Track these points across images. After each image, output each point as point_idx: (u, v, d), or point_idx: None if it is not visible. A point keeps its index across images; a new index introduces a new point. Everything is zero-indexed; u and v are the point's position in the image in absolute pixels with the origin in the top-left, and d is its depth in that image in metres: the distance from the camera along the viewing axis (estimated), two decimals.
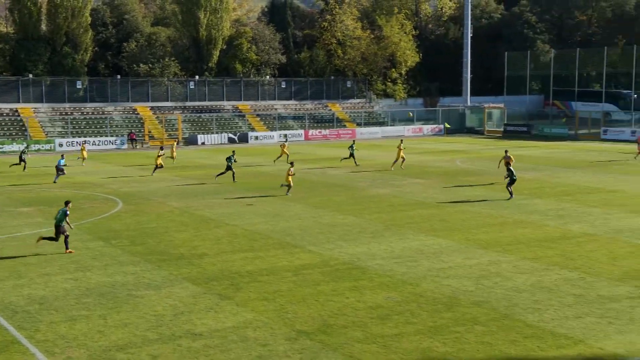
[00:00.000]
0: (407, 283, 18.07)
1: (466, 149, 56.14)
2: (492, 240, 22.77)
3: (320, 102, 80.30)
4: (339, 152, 51.88)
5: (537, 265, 19.64)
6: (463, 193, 32.88)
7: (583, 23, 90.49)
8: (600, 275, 18.45)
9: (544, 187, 34.44)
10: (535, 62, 79.61)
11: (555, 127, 70.93)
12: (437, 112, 79.71)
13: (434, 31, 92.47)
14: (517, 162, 41.44)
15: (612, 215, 26.76)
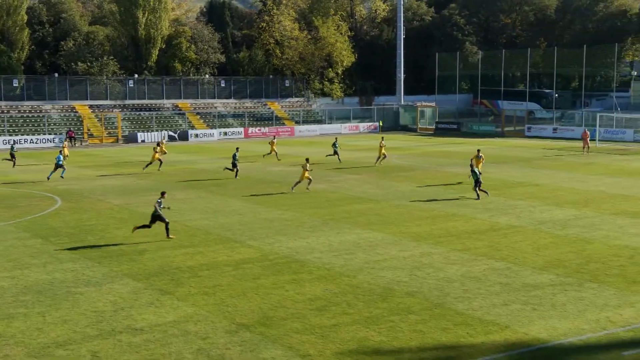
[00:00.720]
0: (345, 275, 18.18)
1: (400, 146, 56.87)
2: (424, 233, 23.14)
3: (260, 101, 79.95)
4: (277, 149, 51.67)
5: (466, 256, 20.06)
6: (397, 188, 33.29)
7: (508, 26, 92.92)
8: (525, 265, 18.99)
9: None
10: (464, 63, 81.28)
11: (484, 125, 72.65)
12: (372, 110, 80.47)
13: (369, 32, 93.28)
14: (448, 158, 42.24)
15: (536, 207, 27.58)
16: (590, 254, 20.08)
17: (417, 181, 35.56)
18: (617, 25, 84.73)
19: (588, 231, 23.05)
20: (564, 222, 24.54)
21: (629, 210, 26.61)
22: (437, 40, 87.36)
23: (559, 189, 32.40)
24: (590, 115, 63.74)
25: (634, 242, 21.33)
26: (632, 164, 42.01)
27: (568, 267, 18.64)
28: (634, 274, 17.94)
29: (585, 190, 31.85)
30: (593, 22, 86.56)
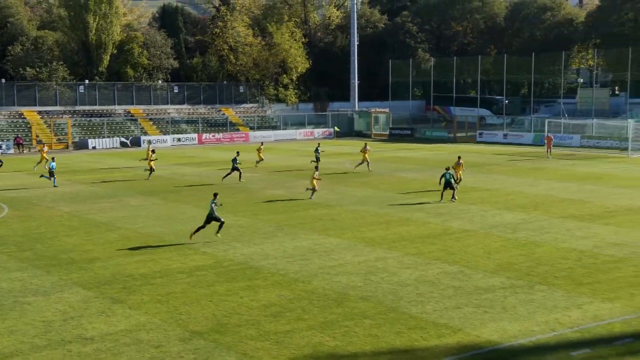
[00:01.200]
0: (300, 281, 18.16)
1: (355, 152, 57.17)
2: (379, 238, 23.30)
3: (214, 107, 79.40)
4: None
5: (420, 260, 20.27)
6: (352, 193, 33.44)
7: (459, 33, 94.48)
8: (477, 268, 19.29)
9: (427, 186, 35.60)
10: (417, 70, 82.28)
11: (436, 131, 73.61)
12: (327, 116, 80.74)
13: (323, 39, 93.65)
14: (402, 163, 42.66)
15: (488, 212, 28.06)
16: (539, 256, 20.51)
17: (372, 186, 35.79)
18: (564, 34, 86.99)
19: (537, 234, 23.55)
20: (515, 226, 25.03)
21: (576, 214, 27.30)
22: (390, 47, 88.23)
23: (510, 193, 33.05)
24: (539, 121, 65.22)
25: (581, 245, 21.89)
26: (579, 168, 43.14)
27: (518, 270, 19.00)
28: (581, 276, 18.40)
29: (535, 194, 32.56)
30: (541, 30, 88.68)
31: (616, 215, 26.95)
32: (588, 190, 33.39)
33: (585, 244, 21.98)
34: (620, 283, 17.66)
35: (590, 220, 25.87)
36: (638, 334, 14.19)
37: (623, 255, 20.52)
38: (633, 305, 15.91)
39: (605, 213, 27.41)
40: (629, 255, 20.50)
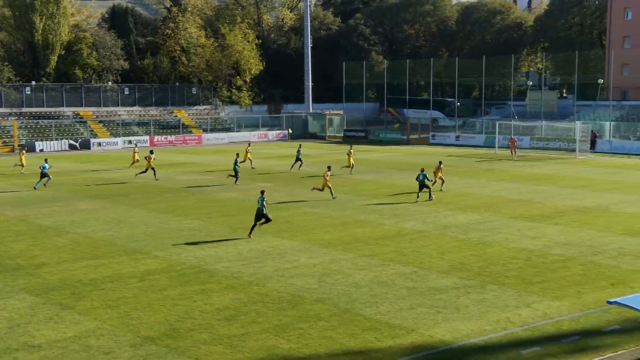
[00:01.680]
0: (254, 284, 18.09)
1: (309, 154, 57.24)
2: (333, 240, 23.38)
3: (166, 109, 78.45)
4: (185, 158, 50.97)
5: (374, 261, 20.42)
6: (307, 195, 33.47)
7: (412, 36, 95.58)
8: (430, 269, 19.53)
9: (381, 188, 35.90)
10: (370, 72, 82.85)
11: (390, 133, 74.27)
12: (281, 118, 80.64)
13: (276, 41, 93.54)
14: (356, 165, 42.91)
15: (441, 212, 28.44)
16: (491, 257, 20.90)
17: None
18: (514, 37, 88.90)
19: (489, 235, 23.99)
20: (467, 227, 25.43)
21: (525, 214, 27.90)
22: (344, 49, 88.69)
23: (462, 194, 33.56)
24: (490, 123, 66.42)
25: (531, 245, 22.38)
26: (529, 169, 44.10)
27: (471, 270, 19.31)
28: (530, 275, 18.81)
29: (487, 195, 33.15)
30: (491, 33, 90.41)
31: (565, 215, 27.65)
32: (538, 191, 34.17)
33: (535, 244, 22.47)
34: (568, 282, 18.12)
35: (539, 221, 26.47)
36: (585, 332, 14.59)
37: (571, 254, 21.06)
38: (580, 303, 16.34)
39: (554, 213, 28.09)
40: (577, 254, 21.06)
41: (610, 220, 26.34)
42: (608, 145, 56.66)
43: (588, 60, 75.88)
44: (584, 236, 23.58)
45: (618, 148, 55.60)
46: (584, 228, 24.98)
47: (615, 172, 42.17)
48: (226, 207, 30.15)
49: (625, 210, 28.55)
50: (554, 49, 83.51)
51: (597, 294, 16.97)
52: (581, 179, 38.83)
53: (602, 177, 39.61)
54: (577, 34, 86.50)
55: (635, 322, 14.81)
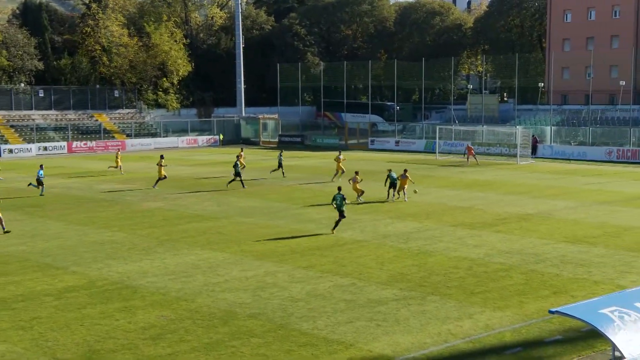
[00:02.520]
0: (182, 299, 17.83)
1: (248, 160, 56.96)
2: (268, 251, 23.30)
3: (85, 112, 76.66)
4: (106, 165, 49.85)
5: (311, 273, 20.44)
6: (239, 204, 33.26)
7: (349, 37, 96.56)
8: (369, 280, 19.69)
9: (318, 196, 36.01)
10: (306, 74, 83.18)
11: (327, 138, 74.69)
12: (211, 122, 80.00)
13: (206, 40, 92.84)
14: (292, 172, 42.99)
15: (380, 221, 28.73)
16: (431, 266, 21.23)
17: (261, 197, 35.76)
18: (453, 39, 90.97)
19: (429, 244, 24.38)
20: (407, 235, 25.78)
21: (467, 222, 28.50)
22: (278, 50, 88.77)
23: (402, 201, 33.98)
24: (431, 127, 67.69)
25: (472, 254, 22.85)
26: (470, 175, 45.09)
27: (411, 281, 19.57)
28: (472, 285, 19.20)
29: (427, 202, 33.69)
30: (430, 35, 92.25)
31: (506, 222, 28.37)
32: (479, 198, 34.96)
33: (477, 253, 22.96)
34: (510, 291, 18.58)
35: (481, 228, 27.08)
36: (528, 343, 14.98)
37: (513, 263, 21.61)
38: (522, 313, 16.77)
39: (496, 220, 28.79)
40: (519, 262, 21.62)
41: (553, 227, 27.18)
42: (549, 150, 58.53)
43: (528, 63, 78.34)
44: (525, 244, 24.24)
45: (559, 153, 57.52)
46: (526, 235, 25.69)
47: (557, 178, 43.59)
48: (152, 218, 29.64)
49: (568, 216, 29.52)
50: (494, 51, 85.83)
51: (540, 303, 17.45)
52: (523, 185, 39.96)
53: (543, 183, 40.87)
54: (517, 36, 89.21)
55: (578, 331, 15.30)
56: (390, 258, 22.33)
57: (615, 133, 60.40)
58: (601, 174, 45.31)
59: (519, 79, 67.67)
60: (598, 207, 31.84)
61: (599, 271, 20.46)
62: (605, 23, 74.82)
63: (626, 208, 31.60)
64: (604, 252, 22.80)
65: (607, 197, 34.81)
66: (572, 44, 77.40)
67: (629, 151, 54.44)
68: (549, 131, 62.05)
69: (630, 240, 24.71)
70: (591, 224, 27.86)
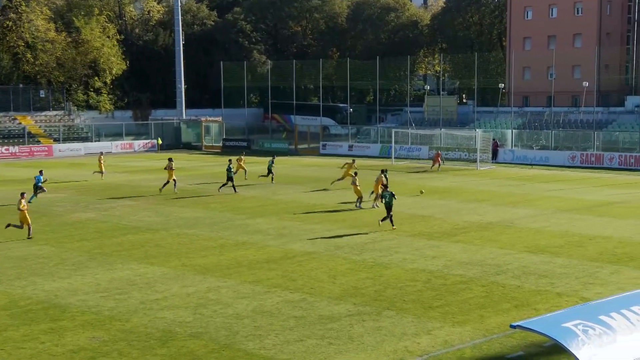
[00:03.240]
0: (116, 319, 17.59)
1: (183, 166, 56.48)
2: (211, 265, 23.16)
3: (7, 114, 74.98)
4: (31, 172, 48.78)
5: (258, 288, 20.39)
6: (179, 214, 32.99)
7: (298, 34, 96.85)
8: (321, 295, 19.74)
9: (266, 204, 35.97)
10: (252, 74, 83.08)
11: (276, 142, 74.70)
12: (149, 126, 79.19)
13: (142, 36, 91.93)
14: (237, 179, 42.79)
15: (333, 231, 28.85)
16: (387, 279, 21.40)
17: (203, 206, 35.54)
18: (409, 37, 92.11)
19: (385, 255, 24.57)
20: (361, 246, 25.94)
21: (425, 231, 28.83)
22: (221, 47, 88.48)
23: (356, 210, 34.17)
24: (386, 131, 68.30)
25: (430, 265, 23.12)
26: (428, 182, 45.61)
27: (365, 295, 19.69)
28: (430, 299, 19.42)
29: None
30: (385, 32, 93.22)
31: (466, 231, 28.80)
32: (437, 206, 35.41)
33: (435, 264, 23.25)
34: (470, 305, 18.86)
35: (439, 238, 27.43)
36: (488, 359, 15.21)
37: (473, 274, 21.94)
38: (483, 328, 17.04)
39: (455, 230, 29.20)
40: (479, 274, 21.96)
41: (514, 237, 27.70)
42: (510, 155, 59.65)
43: (488, 63, 79.85)
44: (486, 254, 24.64)
45: (521, 158, 58.67)
46: (487, 245, 26.12)
47: (518, 184, 44.43)
48: (82, 230, 29.19)
49: (529, 225, 30.13)
50: (452, 50, 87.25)
51: (501, 317, 17.75)
52: (483, 192, 40.63)
53: (504, 190, 41.63)
54: (476, 34, 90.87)
55: (540, 346, 15.61)
56: (344, 271, 22.43)
57: (578, 137, 61.99)
58: (564, 180, 46.37)
59: (478, 80, 68.86)
60: (561, 215, 32.58)
61: (562, 283, 20.93)
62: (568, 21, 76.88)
63: (589, 216, 32.42)
64: (567, 263, 23.33)
65: (570, 205, 35.65)
66: (533, 42, 79.27)
67: (592, 156, 55.81)
68: (510, 135, 63.35)
69: (593, 250, 25.34)
70: (554, 232, 28.49)
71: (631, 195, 39.41)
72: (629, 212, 33.58)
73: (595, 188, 42.56)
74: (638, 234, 28.04)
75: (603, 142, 59.77)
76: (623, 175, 49.30)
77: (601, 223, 30.52)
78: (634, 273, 22.05)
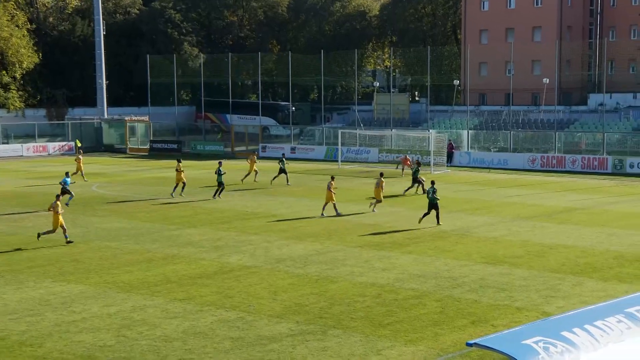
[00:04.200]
0: (27, 344, 17.26)
1: (105, 171, 55.76)
2: (136, 281, 22.91)
3: None
4: None
5: (190, 306, 20.23)
6: (100, 225, 32.60)
7: (234, 25, 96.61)
8: (260, 313, 19.68)
9: (199, 214, 35.73)
10: (183, 68, 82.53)
11: (210, 144, 74.36)
12: (65, 126, 77.94)
13: (57, 26, 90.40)
14: (166, 186, 42.54)
15: (273, 242, 28.81)
16: (333, 294, 21.47)
17: (127, 216, 35.16)
18: (357, 29, 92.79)
19: (331, 268, 24.65)
20: (305, 259, 25.97)
21: (374, 241, 29.03)
22: (147, 39, 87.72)
23: (300, 219, 34.20)
24: (332, 131, 68.66)
25: (381, 279, 23.28)
26: None
27: (309, 313, 19.71)
28: (380, 315, 19.54)
29: (329, 220, 34.05)
30: (330, 24, 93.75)
31: (419, 241, 29.10)
32: (388, 214, 35.69)
33: (386, 277, 23.41)
34: (423, 321, 19.04)
35: (390, 249, 27.65)
36: None
37: (426, 288, 22.17)
38: (437, 347, 17.22)
39: (407, 240, 29.48)
40: (433, 288, 22.20)
41: (471, 247, 28.10)
42: (466, 157, 60.57)
43: (442, 58, 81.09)
44: (440, 266, 24.93)
45: (477, 161, 59.62)
46: (441, 256, 26.43)
47: (475, 190, 45.12)
48: None
49: (487, 234, 30.61)
50: (403, 43, 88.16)
51: (456, 334, 17.97)
52: None
53: (460, 196, 42.22)
54: (429, 27, 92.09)
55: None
56: (285, 286, 22.41)
57: (539, 137, 63.34)
58: (524, 185, 47.29)
59: (431, 76, 69.73)
60: (520, 223, 33.19)
61: (522, 296, 21.30)
62: (527, 13, 78.54)
63: (550, 223, 33.12)
64: (527, 274, 23.76)
65: (530, 212, 36.36)
66: (490, 35, 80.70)
67: (554, 158, 57.09)
68: (466, 136, 64.28)
69: (555, 260, 25.88)
70: (513, 242, 29.00)
71: (594, 200, 40.43)
72: (592, 219, 34.43)
73: (557, 193, 43.50)
74: (601, 243, 28.75)
75: (565, 143, 61.15)
76: (586, 179, 50.54)
77: (563, 231, 31.20)
78: (598, 285, 22.59)
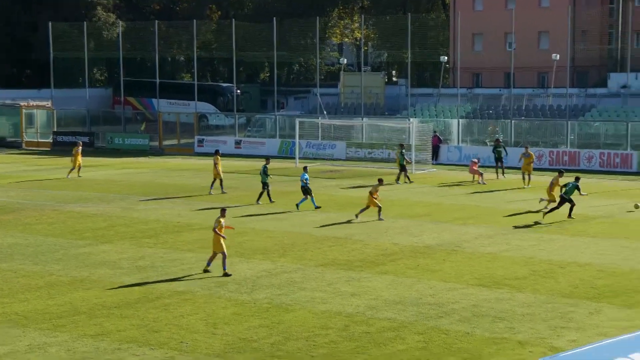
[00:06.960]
0: None
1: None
2: (35, 313, 22.79)
3: None
4: None
5: (104, 345, 20.12)
6: None
7: None
8: (195, 351, 19.62)
9: (116, 225, 35.52)
10: (96, 40, 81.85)
11: (131, 137, 73.68)
12: None
13: None
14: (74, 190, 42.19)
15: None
16: (289, 327, 21.45)
17: (23, 229, 34.97)
18: None
19: (285, 293, 24.63)
20: (252, 282, 25.94)
21: (340, 259, 29.05)
22: (49, 2, 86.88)
23: (246, 231, 34.09)
24: (288, 121, 68.46)
25: (349, 306, 23.30)
26: (344, 192, 45.90)
27: (258, 350, 19.68)
28: (348, 353, 19.56)
29: (283, 231, 34.02)
30: None
31: (397, 259, 29.17)
32: (357, 225, 35.71)
33: (355, 305, 23.43)
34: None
35: (360, 269, 27.68)
36: None
37: (405, 318, 22.23)
38: None
39: (382, 256, 29.54)
40: (414, 317, 22.27)
41: (462, 265, 28.22)
42: (456, 153, 60.62)
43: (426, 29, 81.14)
44: (423, 290, 25.01)
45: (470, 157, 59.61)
46: (425, 278, 26.51)
47: (467, 194, 45.26)
48: None
49: (482, 249, 30.76)
50: (377, 10, 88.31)
51: None
52: (420, 205, 41.22)
53: (449, 201, 42.37)
54: None
55: None
56: (228, 317, 22.35)
57: (547, 128, 63.42)
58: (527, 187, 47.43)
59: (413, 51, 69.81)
60: (523, 235, 33.39)
61: (526, 327, 21.43)
62: None
63: (561, 235, 33.31)
64: (532, 300, 23.91)
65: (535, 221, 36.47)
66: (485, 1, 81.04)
67: (565, 154, 57.09)
68: (456, 126, 64.29)
69: (566, 282, 26.05)
70: (514, 259, 29.16)
71: (615, 206, 40.64)
72: (613, 229, 34.73)
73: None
74: (624, 260, 28.94)
75: (579, 135, 61.22)
76: (605, 180, 50.80)
77: (576, 245, 31.40)
78: (620, 313, 22.74)
